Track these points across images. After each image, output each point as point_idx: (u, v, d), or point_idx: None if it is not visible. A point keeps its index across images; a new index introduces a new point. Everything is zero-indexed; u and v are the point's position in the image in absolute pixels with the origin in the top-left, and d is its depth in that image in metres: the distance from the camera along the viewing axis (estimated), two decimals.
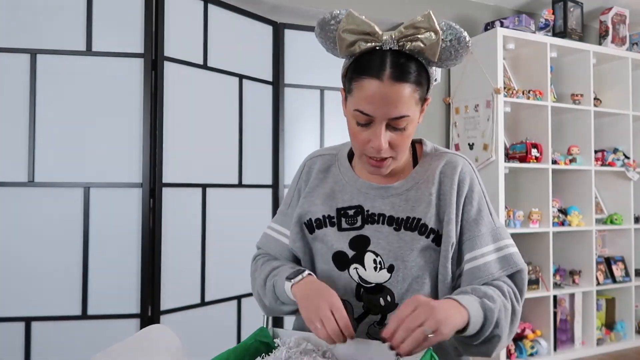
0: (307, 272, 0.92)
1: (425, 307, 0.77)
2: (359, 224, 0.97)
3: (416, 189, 0.97)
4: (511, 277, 0.94)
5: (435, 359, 0.79)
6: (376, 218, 0.96)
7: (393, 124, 0.87)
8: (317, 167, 1.06)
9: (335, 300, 0.84)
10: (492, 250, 0.93)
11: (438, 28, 0.84)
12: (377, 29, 0.87)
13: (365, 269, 0.95)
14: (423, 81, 0.89)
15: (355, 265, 0.95)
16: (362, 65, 0.88)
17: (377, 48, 0.87)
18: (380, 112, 0.86)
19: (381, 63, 0.86)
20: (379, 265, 0.94)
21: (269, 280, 0.98)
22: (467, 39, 0.87)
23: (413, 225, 0.94)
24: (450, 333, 0.78)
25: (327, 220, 0.99)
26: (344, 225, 0.98)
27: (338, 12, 0.89)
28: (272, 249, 1.08)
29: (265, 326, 0.97)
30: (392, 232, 0.94)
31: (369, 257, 0.95)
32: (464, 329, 0.81)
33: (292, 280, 0.90)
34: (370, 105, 0.86)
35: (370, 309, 0.94)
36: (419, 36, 0.84)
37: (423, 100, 0.92)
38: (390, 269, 0.93)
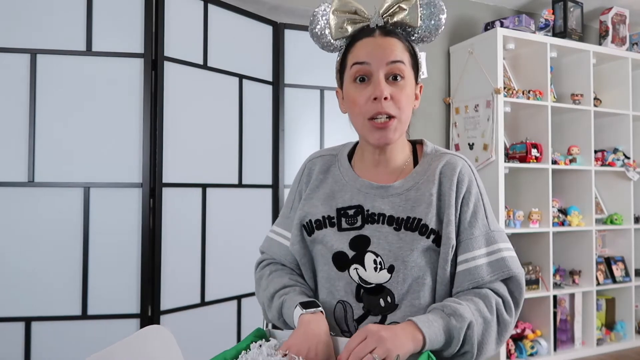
0: (320, 308, 0.92)
1: (374, 337, 0.78)
2: (359, 223, 0.97)
3: (416, 189, 0.96)
4: (505, 281, 0.94)
5: (432, 359, 0.79)
6: (376, 218, 0.96)
7: (391, 71, 0.93)
8: (317, 168, 1.07)
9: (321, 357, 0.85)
10: (483, 254, 0.93)
11: None
12: (362, 7, 0.96)
13: (365, 270, 0.94)
14: (411, 54, 0.96)
15: (355, 265, 0.95)
16: (354, 36, 0.97)
17: (365, 28, 0.96)
18: (376, 57, 0.92)
19: (371, 30, 0.95)
20: (379, 266, 0.93)
21: (278, 297, 0.98)
22: (441, 2, 0.94)
23: (414, 225, 0.93)
24: (398, 355, 0.79)
25: (326, 220, 0.99)
26: (344, 225, 0.97)
27: (320, 7, 1.00)
28: (275, 253, 1.08)
29: (264, 327, 0.97)
30: (392, 232, 0.94)
31: (369, 258, 0.94)
32: (422, 348, 0.82)
33: (305, 310, 0.90)
34: (366, 53, 0.93)
35: (370, 310, 0.94)
36: (401, 5, 0.93)
37: (416, 76, 0.97)
38: (391, 270, 0.93)
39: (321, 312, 0.91)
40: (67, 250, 1.94)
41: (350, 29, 0.95)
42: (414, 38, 0.98)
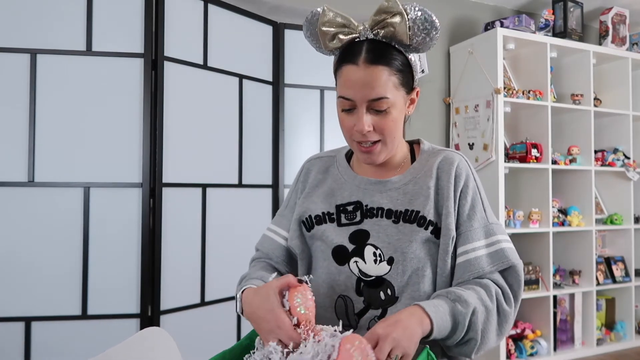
0: (243, 288, 0.92)
1: (386, 340, 0.77)
2: (358, 218, 0.98)
3: (414, 183, 0.99)
4: (504, 273, 0.95)
5: (432, 357, 0.79)
6: (375, 212, 0.97)
7: (374, 107, 0.92)
8: (315, 169, 1.09)
9: (277, 315, 0.81)
10: (483, 245, 0.94)
11: (402, 9, 0.89)
12: (352, 20, 0.93)
13: (365, 262, 0.95)
14: (403, 67, 0.93)
15: (355, 258, 0.96)
16: (343, 55, 0.94)
17: (357, 40, 0.93)
18: (359, 95, 0.91)
19: (358, 50, 0.91)
20: (378, 258, 0.95)
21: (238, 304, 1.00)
22: (434, 17, 0.90)
23: (412, 217, 0.95)
24: (414, 348, 0.79)
25: (326, 216, 1.01)
26: (343, 220, 0.99)
27: (319, 9, 0.95)
28: (265, 248, 1.10)
29: None
30: (391, 225, 0.95)
31: (368, 250, 0.95)
32: (430, 333, 0.83)
33: (238, 309, 0.92)
34: (349, 89, 0.92)
35: (370, 303, 0.95)
36: (388, 20, 0.89)
37: (409, 88, 0.95)
38: (390, 261, 0.94)
39: (247, 287, 0.92)
40: (67, 250, 1.94)
41: (340, 39, 0.93)
42: (406, 49, 0.94)
